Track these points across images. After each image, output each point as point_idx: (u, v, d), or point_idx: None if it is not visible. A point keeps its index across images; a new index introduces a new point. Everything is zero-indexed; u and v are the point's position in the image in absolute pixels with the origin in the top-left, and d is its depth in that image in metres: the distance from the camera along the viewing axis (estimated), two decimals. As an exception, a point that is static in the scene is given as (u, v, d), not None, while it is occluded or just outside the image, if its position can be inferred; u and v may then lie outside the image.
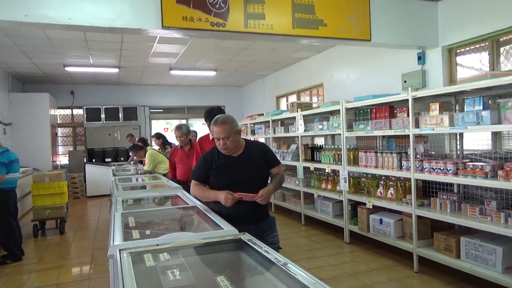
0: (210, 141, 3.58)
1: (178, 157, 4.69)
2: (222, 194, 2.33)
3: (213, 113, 3.38)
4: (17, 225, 4.85)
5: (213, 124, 2.43)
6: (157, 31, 3.93)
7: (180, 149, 4.72)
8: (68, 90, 10.67)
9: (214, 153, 2.54)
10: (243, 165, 2.47)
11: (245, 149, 2.55)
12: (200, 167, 2.57)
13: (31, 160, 8.52)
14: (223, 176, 2.46)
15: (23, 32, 5.83)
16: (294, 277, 1.31)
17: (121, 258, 1.57)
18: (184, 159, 4.62)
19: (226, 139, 2.39)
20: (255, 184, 2.43)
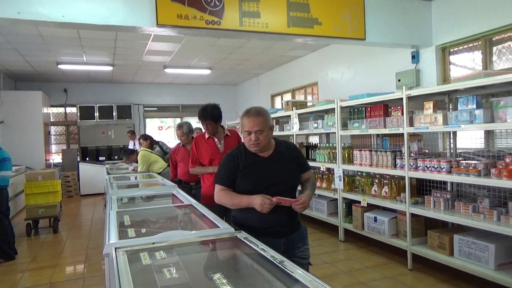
0: (206, 140, 3.53)
1: (180, 155, 4.56)
2: (258, 199, 2.01)
3: (207, 111, 3.41)
4: (10, 224, 4.81)
5: (245, 116, 2.15)
6: (151, 29, 3.91)
7: (182, 148, 4.61)
8: (61, 88, 10.58)
9: (241, 151, 2.22)
10: (274, 167, 2.18)
11: (276, 149, 2.25)
12: (225, 169, 2.21)
13: (23, 159, 8.45)
14: (250, 178, 2.15)
15: (15, 29, 5.77)
16: (291, 274, 1.31)
17: (117, 256, 1.56)
18: (186, 158, 4.43)
19: (260, 133, 2.10)
20: (286, 190, 2.15)
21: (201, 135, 3.60)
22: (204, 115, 3.41)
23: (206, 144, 3.50)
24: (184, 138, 4.57)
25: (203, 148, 3.50)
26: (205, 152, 3.48)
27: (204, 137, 3.54)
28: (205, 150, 3.48)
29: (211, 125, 3.41)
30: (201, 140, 3.55)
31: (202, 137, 3.58)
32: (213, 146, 3.49)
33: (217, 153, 3.43)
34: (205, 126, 3.45)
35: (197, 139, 3.58)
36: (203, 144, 3.51)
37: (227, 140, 3.51)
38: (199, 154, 3.52)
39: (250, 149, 2.18)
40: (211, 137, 3.51)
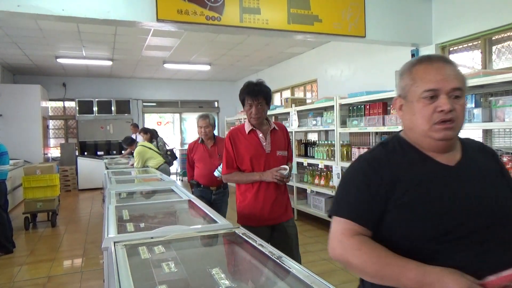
0: (247, 135, 2.56)
1: (199, 154, 3.85)
2: None
3: (260, 86, 2.56)
4: (8, 218, 4.81)
5: (429, 63, 1.11)
6: (151, 23, 3.90)
7: (201, 145, 3.87)
8: (60, 82, 10.55)
9: (396, 152, 1.16)
10: (473, 187, 1.09)
11: (464, 152, 1.18)
12: (360, 193, 1.10)
13: (21, 152, 8.43)
14: (426, 211, 1.04)
15: (14, 22, 5.75)
16: (289, 270, 1.32)
17: (116, 250, 1.57)
18: (206, 157, 3.80)
19: (457, 100, 1.08)
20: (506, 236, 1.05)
21: (239, 129, 2.64)
22: (257, 90, 2.48)
23: (246, 140, 2.56)
24: (208, 131, 3.82)
25: (242, 145, 2.54)
26: (245, 151, 2.53)
27: (243, 131, 2.60)
28: (245, 149, 2.54)
29: (261, 107, 2.49)
30: (238, 135, 2.60)
31: (239, 131, 2.62)
32: (255, 143, 2.54)
33: (261, 153, 2.53)
34: (250, 109, 2.50)
35: (233, 134, 2.61)
36: (242, 141, 2.56)
37: (274, 135, 2.60)
38: (237, 154, 2.54)
39: (438, 132, 1.08)
40: (254, 131, 2.56)
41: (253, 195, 2.50)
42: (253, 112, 2.49)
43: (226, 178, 2.59)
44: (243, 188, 2.58)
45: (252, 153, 2.52)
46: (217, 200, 3.79)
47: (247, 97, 2.45)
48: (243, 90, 2.47)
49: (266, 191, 2.49)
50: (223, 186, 3.85)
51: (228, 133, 2.66)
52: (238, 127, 2.66)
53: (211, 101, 12.48)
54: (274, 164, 2.48)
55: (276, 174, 2.39)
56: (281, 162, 2.54)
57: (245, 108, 2.52)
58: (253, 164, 2.51)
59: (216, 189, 3.80)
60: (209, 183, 3.75)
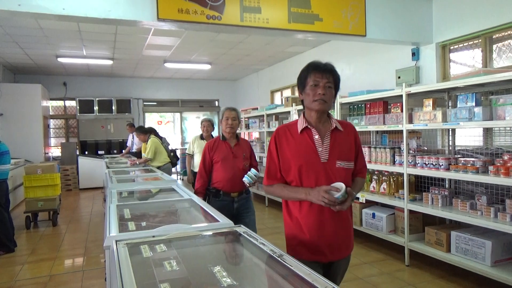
0: (298, 135, 1.87)
1: (221, 153, 3.25)
2: None
3: (326, 65, 1.89)
4: (9, 217, 4.82)
5: None
6: (152, 23, 3.91)
7: (224, 143, 3.31)
8: (60, 82, 10.57)
9: None
10: None
11: None
12: None
13: (22, 152, 8.45)
14: None
15: (15, 21, 5.75)
16: (290, 268, 1.33)
17: (118, 249, 1.58)
18: (230, 158, 3.24)
19: None
20: None
21: (289, 126, 1.95)
22: (329, 66, 1.87)
23: (296, 141, 1.87)
24: (235, 124, 3.28)
25: (290, 148, 1.87)
26: (292, 157, 1.85)
27: (294, 129, 1.90)
28: (293, 154, 1.85)
29: (330, 90, 1.83)
30: (286, 135, 1.91)
31: (289, 129, 1.92)
32: (308, 147, 1.84)
33: (314, 162, 1.81)
34: (315, 90, 1.81)
35: (280, 133, 1.93)
36: (290, 142, 1.88)
37: (336, 138, 1.88)
38: (282, 160, 1.89)
39: None
40: (308, 130, 1.87)
41: (303, 218, 1.83)
42: (319, 93, 1.79)
43: (267, 190, 1.99)
44: (290, 207, 1.90)
45: (302, 161, 1.81)
46: (241, 208, 3.26)
47: (313, 73, 1.84)
48: (308, 66, 1.89)
49: (320, 214, 1.80)
50: (246, 190, 3.32)
51: (275, 131, 1.96)
52: (289, 123, 1.98)
53: (211, 100, 12.48)
54: (333, 179, 1.78)
55: (325, 196, 1.67)
56: (343, 178, 1.81)
57: (306, 90, 1.85)
58: (301, 176, 1.82)
59: (238, 195, 3.24)
60: (231, 189, 3.20)
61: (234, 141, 3.33)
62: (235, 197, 3.23)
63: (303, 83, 1.88)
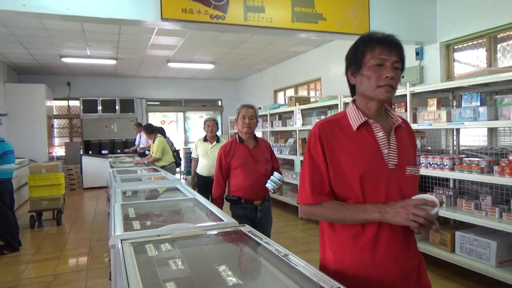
0: (353, 133, 1.38)
1: (240, 157, 2.93)
2: None
3: (393, 37, 1.43)
4: (14, 216, 4.85)
5: None
6: (156, 22, 3.92)
7: (241, 145, 2.98)
8: (64, 81, 10.61)
9: None
10: None
11: None
12: None
13: (27, 151, 8.50)
14: None
15: (19, 22, 5.78)
16: (295, 268, 1.33)
17: (123, 248, 1.58)
18: (250, 162, 2.93)
19: None
20: None
21: (334, 121, 1.43)
22: (393, 42, 1.40)
23: (351, 141, 1.38)
24: (253, 123, 2.99)
25: (344, 151, 1.37)
26: (350, 163, 1.35)
27: (346, 125, 1.42)
28: (350, 158, 1.36)
29: (397, 72, 1.38)
30: (335, 133, 1.40)
31: (337, 124, 1.42)
32: (370, 148, 1.37)
33: (381, 169, 1.35)
34: (379, 71, 1.35)
35: (325, 130, 1.39)
36: (343, 143, 1.38)
37: (401, 137, 1.43)
38: (332, 168, 1.36)
39: None
40: (368, 126, 1.39)
41: (365, 246, 1.32)
42: (385, 76, 1.32)
43: (310, 211, 1.39)
44: (343, 232, 1.37)
45: (364, 168, 1.32)
46: (262, 218, 2.98)
47: (377, 47, 1.34)
48: (367, 38, 1.37)
49: (388, 241, 1.32)
50: (268, 198, 3.07)
51: (315, 127, 1.40)
52: (333, 117, 1.44)
53: (214, 100, 12.49)
54: (405, 190, 1.34)
55: (417, 213, 1.19)
56: (414, 188, 1.39)
57: (364, 71, 1.35)
58: (364, 188, 1.32)
59: (261, 203, 2.97)
60: (254, 197, 2.91)
61: (253, 142, 3.01)
62: (258, 205, 2.94)
63: (359, 60, 1.38)
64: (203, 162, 4.72)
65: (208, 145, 4.73)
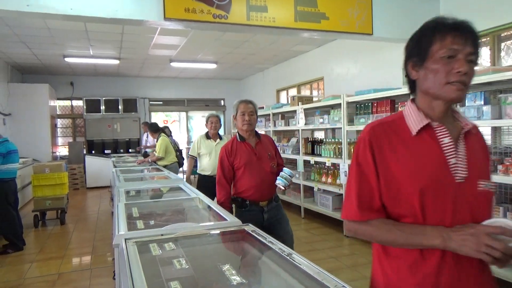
0: (412, 138, 1.14)
1: (244, 157, 2.78)
2: None
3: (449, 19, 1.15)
4: (18, 215, 4.87)
5: None
6: (159, 22, 3.92)
7: (243, 144, 2.82)
8: (67, 81, 10.64)
9: None
10: None
11: None
12: None
13: (30, 151, 8.52)
14: None
15: (23, 22, 5.80)
16: (299, 267, 1.33)
17: (127, 247, 1.59)
18: (253, 161, 2.79)
19: None
20: None
21: (387, 124, 1.20)
22: (468, 29, 1.16)
23: (408, 148, 1.13)
24: (253, 119, 2.84)
25: (396, 159, 1.13)
26: (407, 175, 1.10)
27: (400, 129, 1.17)
28: (408, 169, 1.11)
29: (470, 65, 1.13)
30: (390, 137, 1.16)
31: (390, 129, 1.18)
32: (434, 155, 1.12)
33: (446, 182, 1.09)
34: (449, 64, 1.10)
35: (377, 135, 1.16)
36: (400, 149, 1.13)
37: (471, 141, 1.20)
38: (384, 179, 1.13)
39: None
40: (431, 128, 1.15)
41: (424, 279, 1.09)
42: (458, 70, 1.09)
43: (356, 230, 1.21)
44: (398, 257, 1.15)
45: (425, 181, 1.08)
46: (272, 219, 2.81)
47: (448, 35, 1.11)
48: (436, 23, 1.14)
49: (454, 275, 1.08)
50: (275, 197, 2.90)
51: (365, 131, 1.18)
52: (387, 120, 1.21)
53: (217, 99, 12.50)
54: (477, 209, 1.10)
55: (492, 245, 0.96)
56: (488, 207, 1.15)
57: (429, 64, 1.12)
58: (424, 205, 1.08)
59: (268, 204, 2.81)
60: (259, 197, 2.76)
61: (255, 140, 2.85)
62: (265, 206, 2.77)
63: (424, 51, 1.13)
64: (206, 160, 4.60)
65: (212, 143, 4.65)
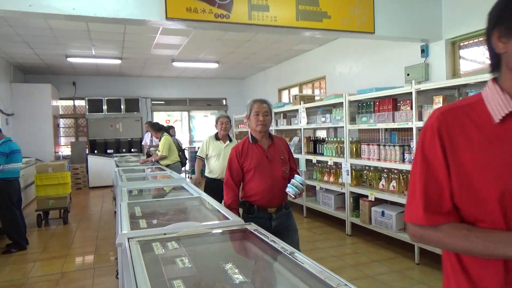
0: (498, 124, 0.90)
1: (253, 159, 2.60)
2: None
3: None
4: (21, 215, 4.89)
5: None
6: (161, 22, 3.92)
7: (255, 145, 2.64)
8: (70, 81, 10.67)
9: None
10: None
11: None
12: None
13: (33, 151, 8.56)
14: None
15: (25, 22, 5.82)
16: (301, 265, 1.33)
17: (130, 246, 1.59)
18: (264, 163, 2.60)
19: None
20: None
21: (461, 110, 0.97)
22: None
23: (488, 139, 0.91)
24: (268, 120, 2.69)
25: (472, 153, 0.92)
26: (484, 170, 0.90)
27: (478, 116, 0.94)
28: (482, 162, 0.90)
29: None
30: (464, 127, 0.94)
31: (466, 115, 0.95)
32: None
33: None
34: None
35: (448, 123, 0.95)
36: (477, 141, 0.92)
37: None
38: (457, 176, 0.93)
39: None
40: None
41: None
42: None
43: (421, 235, 0.99)
44: (476, 268, 0.95)
45: (510, 181, 0.88)
46: (280, 227, 2.61)
47: None
48: None
49: None
50: (285, 205, 2.71)
51: (433, 116, 0.99)
52: (461, 103, 0.99)
53: (219, 99, 12.50)
54: None
55: None
56: None
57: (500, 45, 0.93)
58: (507, 209, 0.89)
59: (277, 210, 2.60)
60: (268, 203, 2.57)
61: (268, 142, 2.65)
62: (273, 213, 2.57)
63: None
64: (215, 163, 4.32)
65: (221, 144, 4.39)
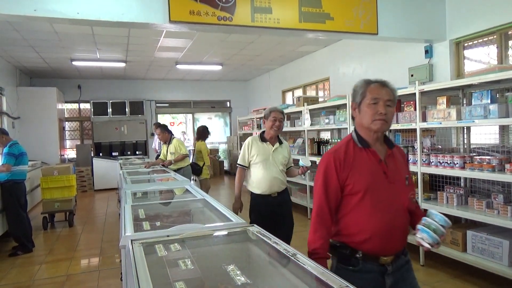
0: None
1: (365, 174, 1.66)
2: None
3: None
4: (27, 217, 4.93)
5: None
6: (164, 25, 3.95)
7: (365, 151, 1.71)
8: (75, 85, 10.75)
9: None
10: None
11: None
12: None
13: (39, 154, 8.62)
14: None
15: (31, 26, 5.87)
16: (304, 267, 1.33)
17: (133, 248, 1.60)
18: (383, 184, 1.75)
19: None
20: None
21: None
22: None
23: None
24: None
25: None
26: None
27: None
28: None
29: None
30: None
31: None
32: None
33: None
34: None
35: None
36: None
37: None
38: None
39: None
40: None
41: None
42: None
43: None
44: None
45: None
46: (397, 284, 1.75)
47: None
48: None
49: None
50: (403, 250, 1.88)
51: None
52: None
53: (223, 101, 12.53)
54: None
55: None
56: None
57: None
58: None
59: (394, 260, 1.71)
60: (382, 249, 1.65)
61: (384, 149, 1.77)
62: (388, 265, 1.65)
63: None
64: (260, 172, 3.20)
65: (269, 147, 3.24)
